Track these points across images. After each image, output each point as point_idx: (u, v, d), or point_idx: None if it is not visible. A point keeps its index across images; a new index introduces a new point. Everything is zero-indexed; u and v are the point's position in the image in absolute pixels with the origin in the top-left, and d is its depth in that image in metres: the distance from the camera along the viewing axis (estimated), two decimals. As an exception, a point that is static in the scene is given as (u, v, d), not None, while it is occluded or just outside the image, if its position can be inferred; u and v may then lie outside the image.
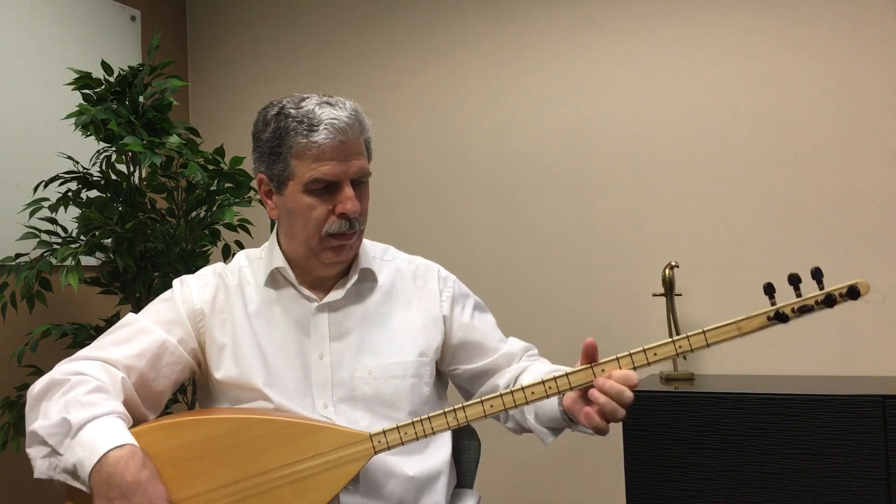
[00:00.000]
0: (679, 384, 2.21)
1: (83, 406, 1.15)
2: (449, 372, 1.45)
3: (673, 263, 2.38)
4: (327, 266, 1.33)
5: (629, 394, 1.10)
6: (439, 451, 1.37)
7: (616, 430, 2.14)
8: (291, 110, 1.27)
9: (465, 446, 1.53)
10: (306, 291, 1.35)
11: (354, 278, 1.36)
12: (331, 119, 1.24)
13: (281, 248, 1.36)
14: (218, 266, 1.42)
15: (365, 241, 1.40)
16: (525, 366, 1.42)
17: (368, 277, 1.39)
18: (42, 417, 1.17)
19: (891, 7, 2.25)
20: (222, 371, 1.32)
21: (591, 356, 1.14)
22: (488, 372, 1.43)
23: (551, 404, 1.26)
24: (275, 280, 1.37)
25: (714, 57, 2.45)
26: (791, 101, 2.36)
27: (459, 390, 1.49)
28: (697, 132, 2.46)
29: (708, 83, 2.45)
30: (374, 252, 1.43)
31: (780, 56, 2.37)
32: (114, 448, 1.10)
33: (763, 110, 2.39)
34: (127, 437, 1.13)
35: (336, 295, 1.35)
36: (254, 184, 2.21)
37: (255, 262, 1.41)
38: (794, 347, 2.32)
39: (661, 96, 2.51)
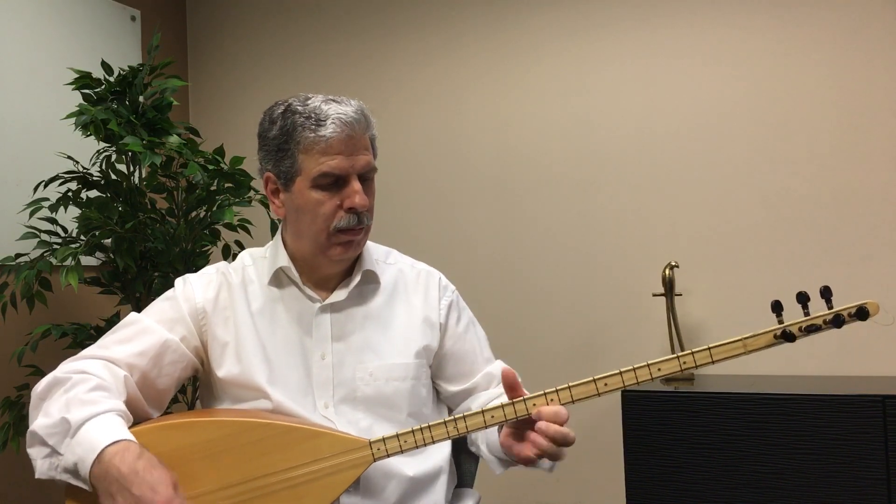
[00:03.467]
0: (679, 384, 2.21)
1: (83, 404, 1.16)
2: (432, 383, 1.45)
3: (673, 263, 2.38)
4: (335, 263, 1.33)
5: (573, 436, 1.12)
6: (439, 451, 1.37)
7: (616, 430, 2.14)
8: (298, 107, 1.28)
9: (465, 446, 1.53)
10: (309, 291, 1.35)
11: (357, 279, 1.36)
12: (338, 114, 1.26)
13: (286, 248, 1.37)
14: (221, 265, 1.42)
15: (368, 243, 1.40)
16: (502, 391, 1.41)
17: (371, 279, 1.39)
18: (43, 416, 1.17)
19: (891, 7, 2.25)
20: (224, 369, 1.32)
21: (512, 386, 1.16)
22: (467, 392, 1.43)
23: (496, 437, 1.25)
24: (278, 279, 1.37)
25: (714, 57, 2.45)
26: (791, 101, 2.36)
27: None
28: (698, 132, 2.46)
29: (708, 83, 2.46)
30: (378, 255, 1.44)
31: (780, 56, 2.37)
32: (110, 444, 1.10)
33: (763, 110, 2.39)
34: (123, 433, 1.13)
35: (339, 296, 1.35)
36: (255, 184, 2.23)
37: (258, 261, 1.41)
38: (793, 347, 2.30)
39: (662, 96, 2.51)
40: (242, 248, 2.30)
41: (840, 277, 2.24)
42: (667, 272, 2.36)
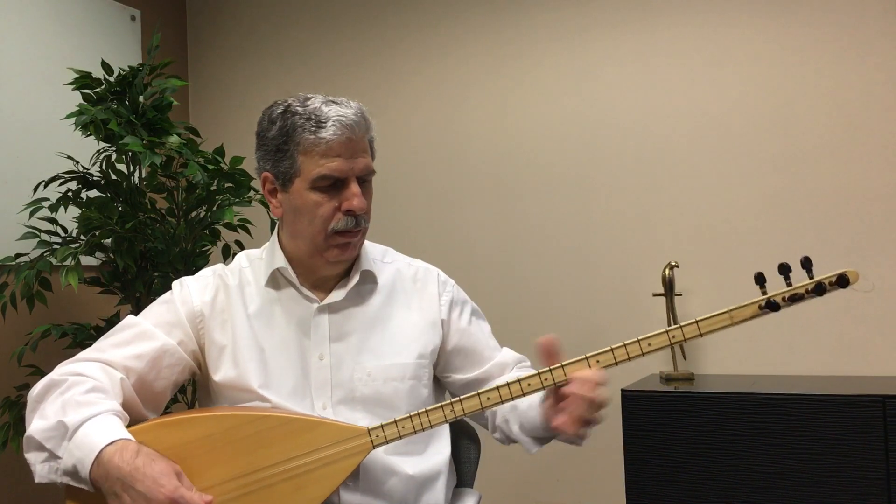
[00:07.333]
0: (679, 384, 2.21)
1: (79, 406, 1.16)
2: (442, 378, 1.45)
3: (673, 263, 2.38)
4: (331, 264, 1.33)
5: (602, 394, 1.13)
6: (439, 450, 1.37)
7: (616, 430, 2.14)
8: (298, 108, 1.28)
9: (466, 446, 1.53)
10: (307, 292, 1.35)
11: (355, 279, 1.36)
12: (338, 116, 1.25)
13: (283, 248, 1.36)
14: (218, 267, 1.42)
15: (365, 242, 1.40)
16: (516, 376, 1.41)
17: (369, 279, 1.39)
18: (39, 419, 1.17)
19: (891, 7, 2.25)
20: (221, 373, 1.32)
21: (550, 353, 1.18)
22: (480, 381, 1.43)
23: (534, 414, 1.26)
24: (275, 280, 1.37)
25: (714, 57, 2.45)
26: (791, 101, 2.36)
27: (451, 397, 1.50)
28: (698, 132, 2.46)
29: (708, 83, 2.45)
30: (375, 254, 1.43)
31: (780, 56, 2.37)
32: (107, 445, 1.11)
33: (763, 110, 2.39)
34: (120, 432, 1.14)
35: (337, 296, 1.35)
36: (255, 184, 2.23)
37: (255, 262, 1.41)
38: (794, 347, 2.32)
39: (662, 96, 2.51)
40: (242, 248, 2.29)
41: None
42: (667, 272, 2.36)
